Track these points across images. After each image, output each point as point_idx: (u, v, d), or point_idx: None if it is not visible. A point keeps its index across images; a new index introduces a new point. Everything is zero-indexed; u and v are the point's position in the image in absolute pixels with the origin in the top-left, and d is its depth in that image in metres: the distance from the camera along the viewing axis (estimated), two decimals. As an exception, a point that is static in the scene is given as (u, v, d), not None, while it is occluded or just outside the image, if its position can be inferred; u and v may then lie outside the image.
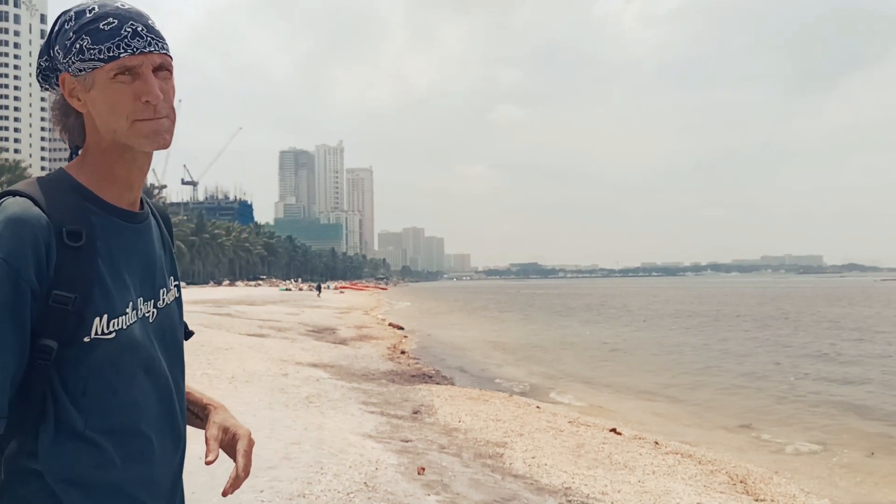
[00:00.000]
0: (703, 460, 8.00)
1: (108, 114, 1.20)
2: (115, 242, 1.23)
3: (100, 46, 1.18)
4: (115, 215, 1.25)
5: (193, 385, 1.49)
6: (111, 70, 1.18)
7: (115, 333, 1.18)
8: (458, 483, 5.70)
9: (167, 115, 1.22)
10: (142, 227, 1.31)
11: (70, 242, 1.15)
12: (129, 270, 1.25)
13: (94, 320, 1.15)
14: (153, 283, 1.30)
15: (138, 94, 1.19)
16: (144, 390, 1.24)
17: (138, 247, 1.29)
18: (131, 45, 1.19)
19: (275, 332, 20.51)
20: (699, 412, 12.45)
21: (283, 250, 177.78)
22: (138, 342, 1.23)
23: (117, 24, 1.19)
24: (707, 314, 44.41)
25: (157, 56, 1.22)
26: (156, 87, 1.20)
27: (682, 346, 23.86)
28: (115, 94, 1.19)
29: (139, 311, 1.25)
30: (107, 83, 1.19)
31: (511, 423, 8.82)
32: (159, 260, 1.35)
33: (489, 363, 18.60)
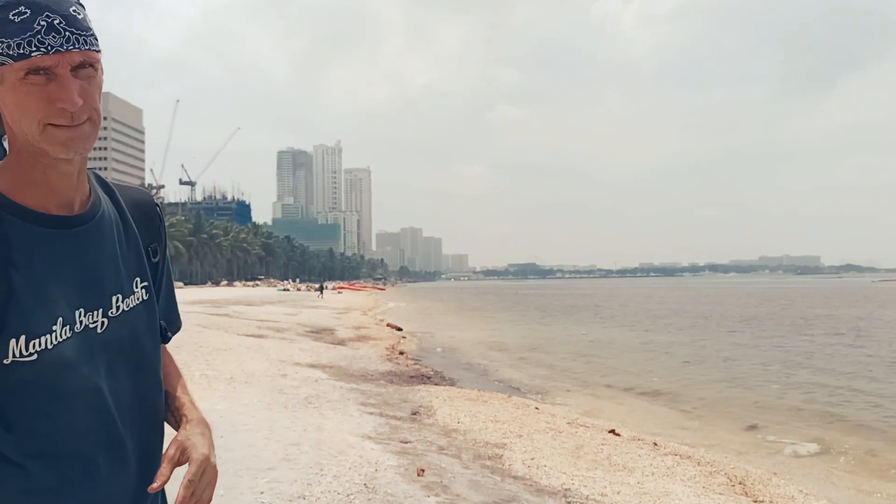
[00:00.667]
0: (701, 461, 8.02)
1: (18, 115, 1.07)
2: (39, 253, 1.11)
3: (8, 41, 1.03)
4: (40, 223, 1.12)
5: (190, 388, 1.42)
6: (21, 69, 1.04)
7: (36, 355, 1.07)
8: (457, 484, 5.70)
9: (88, 117, 1.09)
10: (81, 230, 1.17)
11: None
12: (60, 282, 1.12)
13: (10, 342, 1.05)
14: (100, 290, 1.18)
15: (53, 99, 1.05)
16: (84, 410, 1.13)
17: (73, 254, 1.15)
18: (45, 42, 1.04)
19: (273, 332, 20.49)
20: (697, 413, 12.46)
21: (281, 250, 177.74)
22: (71, 360, 1.11)
23: (29, 16, 1.04)
24: (703, 315, 44.46)
25: (77, 54, 1.07)
26: (74, 93, 1.06)
27: (679, 347, 23.87)
28: (26, 96, 1.05)
29: (77, 324, 1.13)
30: (17, 83, 1.05)
31: (510, 425, 8.82)
32: (113, 263, 1.22)
33: (487, 364, 18.60)
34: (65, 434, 1.12)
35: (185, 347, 13.63)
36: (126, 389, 1.21)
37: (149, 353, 1.28)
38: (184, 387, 1.43)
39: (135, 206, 1.32)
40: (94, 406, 1.15)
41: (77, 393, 1.13)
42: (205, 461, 1.23)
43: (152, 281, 1.31)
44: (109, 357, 1.18)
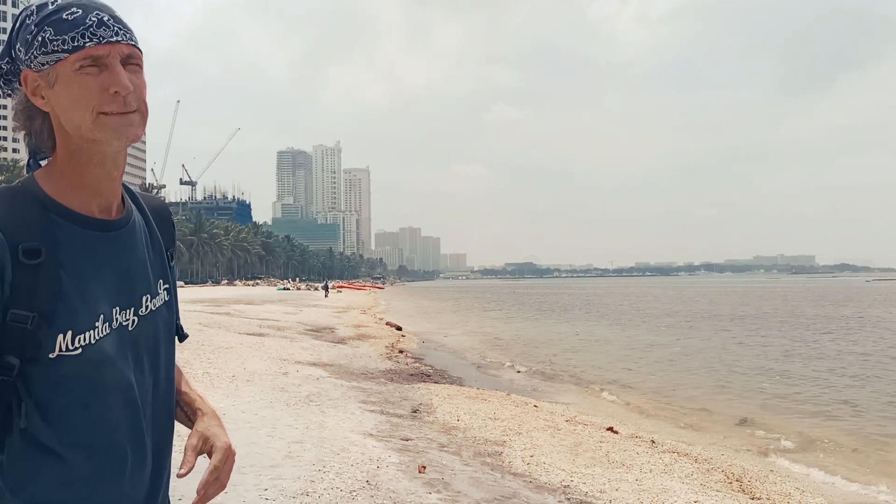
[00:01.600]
0: (699, 459, 8.10)
1: (72, 108, 1.13)
2: (83, 254, 1.18)
3: (63, 37, 1.12)
4: (83, 225, 1.19)
5: (194, 385, 1.48)
6: (76, 61, 1.12)
7: (81, 349, 1.14)
8: (458, 481, 5.78)
9: (138, 108, 1.17)
10: (117, 234, 1.25)
11: (26, 260, 1.11)
12: (101, 281, 1.20)
13: (58, 337, 1.12)
14: (132, 290, 1.26)
15: (106, 86, 1.13)
16: (119, 403, 1.20)
17: (112, 255, 1.23)
18: (97, 34, 1.13)
19: (274, 331, 20.56)
20: (693, 410, 12.56)
21: (281, 250, 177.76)
22: (110, 355, 1.19)
23: (81, 14, 1.13)
24: (697, 314, 44.56)
25: (126, 46, 1.16)
26: (125, 78, 1.14)
27: (674, 345, 23.99)
28: (81, 87, 1.12)
29: (114, 321, 1.20)
30: (71, 76, 1.12)
31: (509, 422, 8.90)
32: (142, 265, 1.29)
33: (486, 362, 18.70)
34: (101, 426, 1.18)
35: (188, 346, 13.70)
36: (148, 385, 1.28)
37: (168, 351, 1.36)
38: (188, 383, 1.49)
39: (155, 212, 1.40)
40: (126, 400, 1.22)
41: (113, 387, 1.20)
42: (228, 449, 1.32)
43: (172, 283, 1.39)
44: (137, 353, 1.26)
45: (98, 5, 1.16)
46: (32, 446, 1.13)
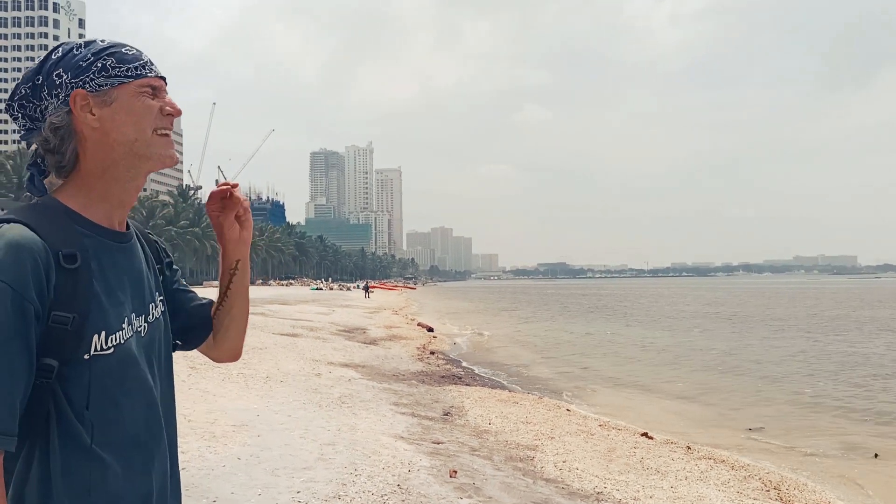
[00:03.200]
0: (735, 465, 7.95)
1: (130, 125, 1.29)
2: (107, 262, 1.29)
3: (127, 66, 1.30)
4: (105, 236, 1.30)
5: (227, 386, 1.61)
6: (140, 86, 1.31)
7: (113, 349, 1.24)
8: (489, 486, 5.75)
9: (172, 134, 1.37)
10: (128, 246, 1.37)
11: (66, 265, 1.20)
12: (122, 288, 1.30)
13: (93, 337, 1.21)
14: (143, 298, 1.36)
15: (162, 108, 1.33)
16: (142, 402, 1.30)
17: (128, 265, 1.35)
18: (153, 69, 1.34)
19: (307, 331, 20.72)
20: (730, 415, 12.33)
21: (314, 250, 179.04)
22: (134, 356, 1.29)
23: (137, 52, 1.34)
24: (733, 316, 43.83)
25: (165, 84, 1.37)
26: (176, 104, 1.35)
27: (709, 348, 23.59)
28: (144, 106, 1.30)
29: (133, 325, 1.31)
30: (133, 97, 1.30)
31: (541, 426, 8.84)
32: (146, 277, 1.40)
33: (518, 364, 18.60)
34: (129, 423, 1.27)
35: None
36: (160, 388, 1.38)
37: (168, 358, 1.46)
38: None
39: (139, 232, 1.48)
40: (148, 399, 1.32)
41: (137, 385, 1.30)
42: None
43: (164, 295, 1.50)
44: (149, 358, 1.36)
45: (142, 50, 1.36)
46: (70, 448, 1.20)
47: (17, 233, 1.17)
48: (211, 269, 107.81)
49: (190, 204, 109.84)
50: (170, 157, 1.34)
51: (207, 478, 5.25)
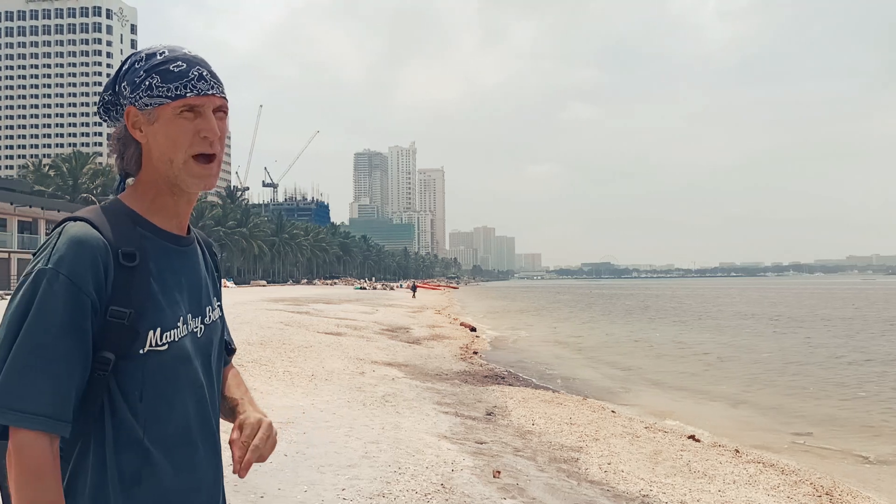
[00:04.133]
0: (786, 470, 7.77)
1: (167, 145, 1.31)
2: (165, 263, 1.34)
3: (168, 85, 1.30)
4: (165, 239, 1.36)
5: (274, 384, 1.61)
6: (177, 107, 1.30)
7: (167, 345, 1.29)
8: (533, 487, 5.72)
9: (216, 152, 1.34)
10: (188, 250, 1.42)
11: (125, 262, 1.26)
12: (179, 289, 1.35)
13: (149, 333, 1.26)
14: (199, 301, 1.41)
15: (198, 130, 1.31)
16: (191, 400, 1.34)
17: (185, 268, 1.39)
18: (197, 86, 1.32)
19: (351, 330, 20.90)
20: (779, 418, 12.04)
21: (358, 250, 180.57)
22: (188, 354, 1.34)
23: (185, 67, 1.32)
24: (783, 317, 42.75)
25: (217, 98, 1.35)
26: (214, 125, 1.33)
27: (758, 350, 23.07)
28: (178, 129, 1.31)
29: (189, 325, 1.35)
30: (171, 118, 1.31)
31: (586, 428, 8.77)
32: (205, 281, 1.45)
33: (562, 364, 18.47)
34: (179, 420, 1.31)
35: (271, 345, 14.09)
36: (212, 388, 1.43)
37: (220, 360, 1.50)
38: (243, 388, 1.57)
39: (204, 242, 1.55)
40: (200, 398, 1.36)
41: (189, 384, 1.34)
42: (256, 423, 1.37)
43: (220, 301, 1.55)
44: (203, 359, 1.40)
45: (199, 61, 1.35)
46: (123, 441, 1.25)
47: (79, 230, 1.24)
48: (258, 269, 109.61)
49: (238, 205, 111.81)
50: (201, 184, 1.34)
51: (254, 474, 5.34)
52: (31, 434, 1.15)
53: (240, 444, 1.34)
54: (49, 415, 1.16)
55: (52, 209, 50.48)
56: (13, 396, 1.15)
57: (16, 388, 1.15)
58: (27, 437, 1.15)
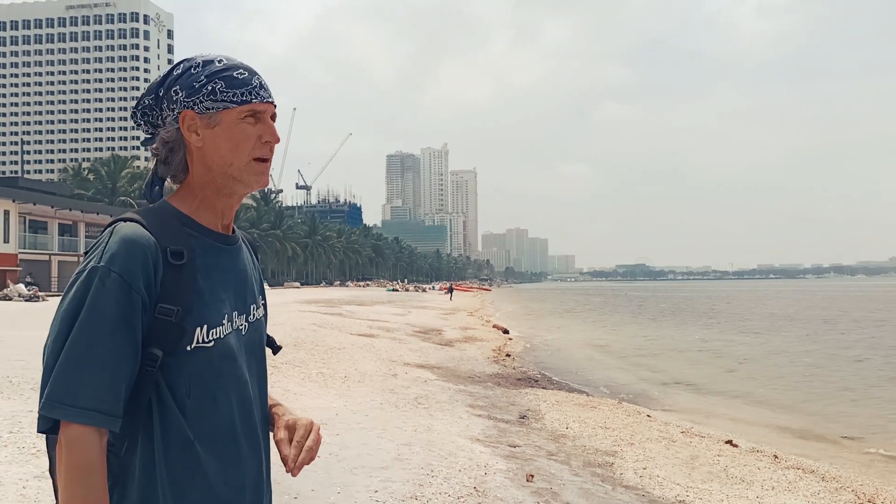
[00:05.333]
0: (826, 476, 7.59)
1: (229, 149, 1.35)
2: (212, 261, 1.37)
3: (234, 91, 1.35)
4: (212, 238, 1.39)
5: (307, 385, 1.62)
6: (243, 112, 1.35)
7: (213, 342, 1.31)
8: (567, 492, 5.67)
9: (271, 158, 1.40)
10: (234, 248, 1.45)
11: (173, 261, 1.29)
12: (224, 286, 1.38)
13: (196, 330, 1.29)
14: (245, 299, 1.44)
15: (260, 135, 1.36)
16: (236, 397, 1.36)
17: (232, 266, 1.42)
18: (260, 94, 1.37)
19: (383, 332, 20.97)
20: (819, 423, 11.79)
21: (390, 252, 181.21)
22: (233, 351, 1.36)
23: (248, 76, 1.37)
24: (824, 320, 41.85)
25: (273, 107, 1.41)
26: (276, 131, 1.39)
27: (798, 354, 22.61)
28: (242, 133, 1.35)
29: (234, 322, 1.38)
30: (235, 122, 1.35)
31: (621, 432, 8.67)
32: (250, 279, 1.48)
33: (596, 367, 18.31)
34: (224, 418, 1.33)
35: (304, 346, 14.20)
36: (255, 386, 1.44)
37: (264, 357, 1.52)
38: None
39: (249, 242, 1.59)
40: (244, 396, 1.38)
41: (235, 381, 1.36)
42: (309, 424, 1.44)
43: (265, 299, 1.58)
44: (248, 356, 1.42)
45: (256, 72, 1.40)
46: (171, 437, 1.27)
47: (130, 230, 1.27)
48: (291, 270, 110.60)
49: (272, 207, 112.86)
50: (260, 182, 1.39)
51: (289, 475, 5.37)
52: (82, 429, 1.17)
53: (295, 443, 1.40)
54: (100, 409, 1.18)
55: (92, 212, 51.43)
56: (65, 391, 1.17)
57: (68, 383, 1.17)
58: (78, 431, 1.17)
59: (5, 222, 42.83)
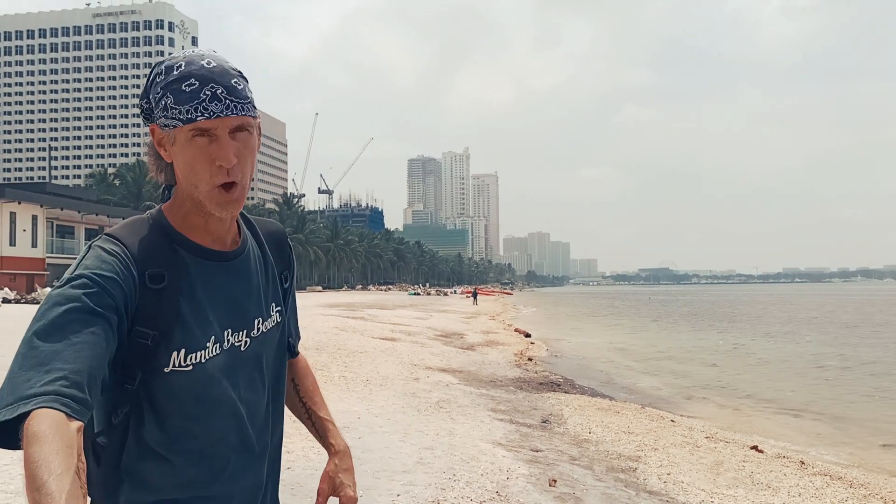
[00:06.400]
0: (854, 483, 7.46)
1: (188, 172, 1.26)
2: (200, 281, 1.31)
3: (180, 107, 1.22)
4: (203, 256, 1.33)
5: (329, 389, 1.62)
6: (188, 130, 1.23)
7: (192, 366, 1.27)
8: (590, 497, 5.63)
9: (239, 180, 1.26)
10: (232, 264, 1.37)
11: (151, 285, 1.24)
12: (214, 306, 1.32)
13: (172, 354, 1.25)
14: (245, 315, 1.37)
15: (212, 158, 1.23)
16: (225, 416, 1.31)
17: (226, 283, 1.35)
18: (209, 108, 1.21)
19: (405, 336, 21.00)
20: (848, 429, 11.60)
21: (412, 256, 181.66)
22: (217, 374, 1.30)
23: (198, 86, 1.22)
24: (848, 325, 41.20)
25: (234, 119, 1.24)
26: (230, 152, 1.23)
27: (824, 358, 22.27)
28: (193, 156, 1.24)
29: (225, 343, 1.32)
30: (186, 142, 1.24)
31: (644, 437, 8.60)
32: (255, 291, 1.40)
33: (618, 371, 18.19)
34: (207, 436, 1.30)
35: (326, 349, 14.27)
36: (261, 397, 1.40)
37: (279, 366, 1.48)
38: (323, 404, 1.63)
39: (270, 237, 1.51)
40: (231, 413, 1.33)
41: (219, 401, 1.31)
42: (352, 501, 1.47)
43: (284, 305, 1.51)
44: (250, 370, 1.38)
45: (214, 77, 1.24)
46: (147, 450, 1.26)
47: (108, 247, 1.23)
48: (313, 274, 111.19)
49: (294, 211, 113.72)
50: (224, 210, 1.28)
51: (312, 478, 5.39)
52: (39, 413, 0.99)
53: None
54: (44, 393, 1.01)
55: (117, 217, 52.13)
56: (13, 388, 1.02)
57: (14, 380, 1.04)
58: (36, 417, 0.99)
59: (33, 227, 43.58)
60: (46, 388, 1.01)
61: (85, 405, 1.04)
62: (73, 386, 1.03)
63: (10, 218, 41.36)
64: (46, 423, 0.97)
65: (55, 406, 1.00)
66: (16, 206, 41.70)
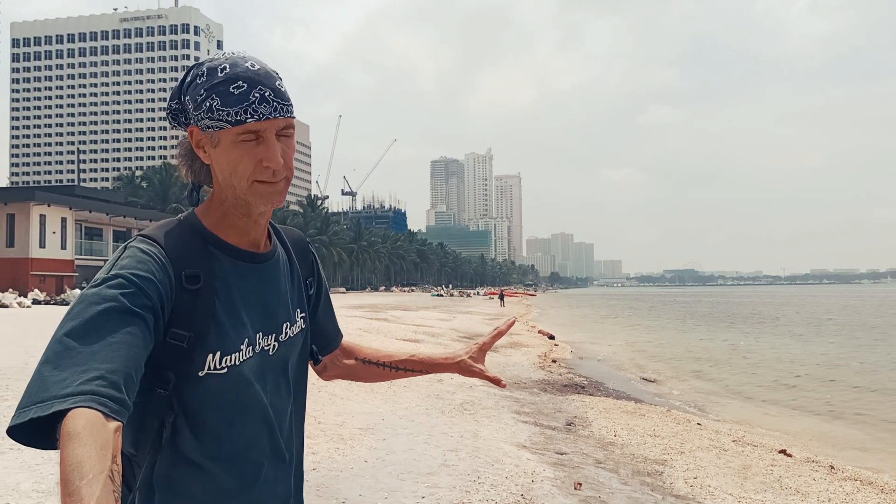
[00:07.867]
0: (886, 489, 7.33)
1: (229, 172, 1.26)
2: (235, 283, 1.31)
3: (228, 109, 1.22)
4: (237, 257, 1.33)
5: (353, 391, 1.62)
6: (237, 133, 1.23)
7: (227, 369, 1.26)
8: (616, 500, 5.59)
9: (285, 176, 1.28)
10: (264, 266, 1.37)
11: (188, 286, 1.23)
12: (248, 308, 1.32)
13: (208, 357, 1.24)
14: (275, 318, 1.37)
15: (260, 158, 1.24)
16: (257, 421, 1.31)
17: (259, 286, 1.35)
18: (258, 111, 1.23)
19: (428, 337, 21.03)
20: (880, 434, 11.39)
21: (435, 257, 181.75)
22: (251, 376, 1.30)
23: (246, 89, 1.23)
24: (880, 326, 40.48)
25: (281, 121, 1.26)
26: (277, 153, 1.25)
27: (855, 361, 21.91)
28: (239, 156, 1.24)
29: (257, 346, 1.32)
30: (232, 144, 1.24)
31: (670, 440, 8.52)
32: (284, 295, 1.41)
33: (644, 374, 18.02)
34: (241, 441, 1.30)
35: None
36: (286, 403, 1.41)
37: (302, 372, 1.49)
38: (396, 351, 1.77)
39: (295, 244, 1.53)
40: (263, 418, 1.33)
41: (252, 405, 1.31)
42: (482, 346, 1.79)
43: (308, 312, 1.52)
44: (276, 375, 1.38)
45: (262, 78, 1.25)
46: (181, 457, 1.25)
47: (144, 248, 1.22)
48: (337, 276, 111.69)
49: (318, 213, 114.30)
50: (269, 200, 1.29)
51: (336, 479, 5.42)
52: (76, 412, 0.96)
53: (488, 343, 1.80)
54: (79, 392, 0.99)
55: (145, 219, 52.83)
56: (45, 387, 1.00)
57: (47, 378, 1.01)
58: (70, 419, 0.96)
59: (63, 229, 44.31)
60: (83, 387, 0.99)
61: (123, 405, 1.02)
62: (110, 386, 1.01)
63: (40, 220, 42.12)
64: (82, 423, 0.95)
65: (93, 406, 0.97)
66: (45, 208, 42.46)
